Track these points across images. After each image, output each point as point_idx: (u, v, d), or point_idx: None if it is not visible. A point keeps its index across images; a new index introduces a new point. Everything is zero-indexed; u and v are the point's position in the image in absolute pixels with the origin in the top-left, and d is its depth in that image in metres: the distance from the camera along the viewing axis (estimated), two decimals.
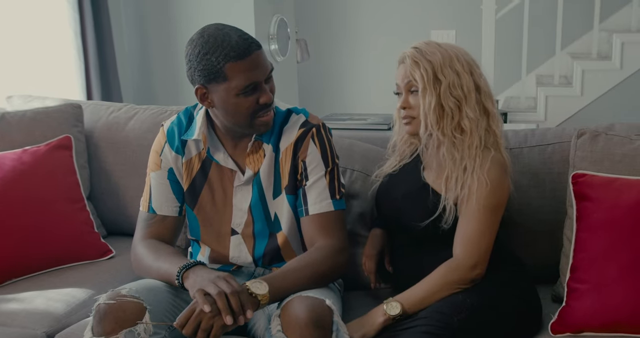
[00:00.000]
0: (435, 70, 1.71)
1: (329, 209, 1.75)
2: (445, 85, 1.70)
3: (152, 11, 3.61)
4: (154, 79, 3.66)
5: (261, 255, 1.82)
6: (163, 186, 1.82)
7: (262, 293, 1.54)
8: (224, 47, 1.61)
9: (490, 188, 1.68)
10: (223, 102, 1.67)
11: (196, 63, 1.64)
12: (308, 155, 1.76)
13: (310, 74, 4.64)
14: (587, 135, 1.86)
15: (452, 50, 1.74)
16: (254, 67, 1.64)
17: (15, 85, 2.76)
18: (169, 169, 1.82)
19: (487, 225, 1.70)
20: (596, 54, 4.13)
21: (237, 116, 1.69)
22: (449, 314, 1.61)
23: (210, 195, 1.81)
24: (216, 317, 1.47)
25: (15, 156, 2.16)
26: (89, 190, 2.38)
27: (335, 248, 1.72)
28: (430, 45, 1.74)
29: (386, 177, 1.91)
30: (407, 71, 1.74)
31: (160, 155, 1.82)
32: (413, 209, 1.77)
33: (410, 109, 1.76)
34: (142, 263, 1.75)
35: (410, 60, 1.73)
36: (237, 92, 1.64)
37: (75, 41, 3.03)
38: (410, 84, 1.74)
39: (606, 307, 1.65)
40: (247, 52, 1.62)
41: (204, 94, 1.68)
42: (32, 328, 1.84)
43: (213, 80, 1.64)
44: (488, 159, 1.71)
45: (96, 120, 2.44)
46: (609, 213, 1.69)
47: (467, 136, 1.72)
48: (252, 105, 1.67)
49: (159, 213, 1.81)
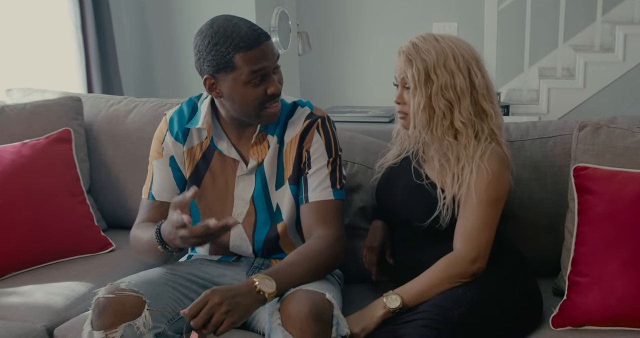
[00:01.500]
0: (428, 70, 1.68)
1: (328, 197, 1.75)
2: (437, 86, 1.69)
3: (153, 3, 3.60)
4: (155, 71, 3.65)
5: (261, 245, 1.82)
6: (164, 173, 1.83)
7: (270, 291, 1.53)
8: (234, 38, 1.62)
9: (491, 179, 1.67)
10: (231, 92, 1.67)
11: (205, 53, 1.65)
12: (312, 145, 1.77)
13: (312, 67, 4.63)
14: (589, 128, 1.85)
15: (450, 47, 1.71)
16: (262, 57, 1.65)
17: (15, 78, 2.76)
18: (170, 156, 1.83)
19: (487, 219, 1.69)
20: (599, 46, 4.11)
21: (244, 106, 1.69)
22: (449, 308, 1.60)
23: (212, 184, 1.82)
24: (228, 313, 1.46)
25: (15, 149, 2.16)
26: (89, 184, 2.38)
27: (333, 238, 1.72)
28: (427, 41, 1.71)
29: (387, 169, 1.90)
30: (401, 67, 1.73)
31: (162, 143, 1.84)
32: (412, 204, 1.77)
33: (404, 105, 1.75)
34: (136, 241, 1.77)
35: (405, 56, 1.71)
36: (245, 82, 1.65)
37: (75, 34, 3.03)
38: (404, 81, 1.73)
39: (607, 301, 1.65)
40: (256, 43, 1.63)
41: (213, 84, 1.69)
42: (32, 322, 1.84)
43: (222, 70, 1.65)
44: (488, 150, 1.70)
45: (96, 113, 2.44)
46: (610, 206, 1.68)
47: (463, 137, 1.71)
48: (260, 96, 1.67)
49: (157, 199, 1.82)
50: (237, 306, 1.47)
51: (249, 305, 1.51)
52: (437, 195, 1.72)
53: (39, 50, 2.90)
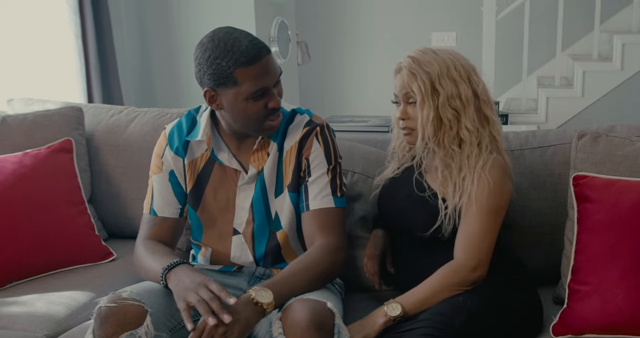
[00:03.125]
0: (433, 81, 1.69)
1: (329, 205, 1.76)
2: (444, 97, 1.70)
3: (153, 14, 3.61)
4: (155, 81, 3.66)
5: (262, 255, 1.82)
6: (164, 188, 1.83)
7: (268, 301, 1.54)
8: (234, 52, 1.62)
9: (492, 188, 1.68)
10: (232, 105, 1.68)
11: (206, 67, 1.65)
12: (312, 153, 1.78)
13: (311, 76, 4.65)
14: (588, 137, 1.86)
15: (449, 58, 1.72)
16: (264, 72, 1.65)
17: (16, 88, 2.77)
18: (170, 171, 1.83)
19: (488, 228, 1.70)
20: (597, 55, 4.13)
21: (245, 120, 1.70)
22: (450, 316, 1.60)
23: (213, 196, 1.82)
24: (227, 333, 1.47)
25: (16, 159, 2.16)
26: (90, 193, 2.38)
27: (334, 246, 1.72)
28: (426, 54, 1.73)
29: (388, 180, 1.90)
30: (404, 82, 1.73)
31: (161, 157, 1.84)
32: (414, 214, 1.77)
33: (409, 120, 1.75)
34: (139, 264, 1.77)
35: (407, 70, 1.71)
36: (246, 97, 1.65)
37: (76, 44, 3.04)
38: (408, 95, 1.73)
39: (608, 309, 1.65)
40: (257, 58, 1.63)
41: (213, 96, 1.69)
42: (33, 332, 1.84)
43: (223, 84, 1.65)
44: (490, 160, 1.71)
45: (97, 123, 2.44)
46: (610, 214, 1.69)
47: (467, 146, 1.72)
48: (260, 110, 1.68)
49: (159, 215, 1.82)
50: (235, 323, 1.49)
51: (248, 319, 1.52)
52: (438, 206, 1.73)
53: (39, 60, 2.91)
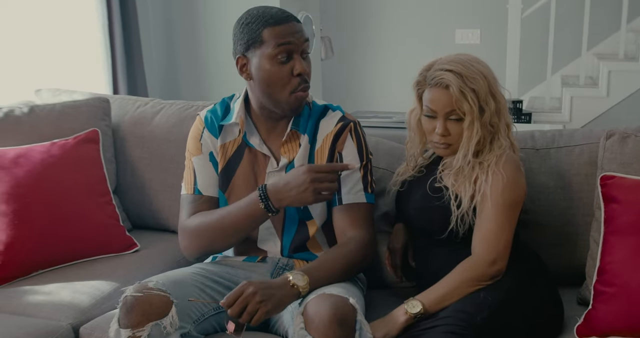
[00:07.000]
0: (480, 101, 1.69)
1: (361, 200, 1.79)
2: (489, 115, 1.70)
3: (179, 7, 3.63)
4: (180, 74, 3.68)
5: (290, 243, 1.85)
6: (207, 169, 1.85)
7: (303, 284, 1.59)
8: (264, 16, 1.71)
9: (506, 184, 1.68)
10: (259, 70, 1.72)
11: (239, 34, 1.74)
12: (345, 148, 1.81)
13: (334, 72, 4.64)
14: (617, 137, 1.84)
15: (484, 69, 1.71)
16: (289, 32, 1.71)
17: (43, 78, 2.79)
18: (209, 152, 1.86)
19: (504, 222, 1.69)
20: (623, 55, 4.09)
21: (272, 87, 1.73)
22: (471, 313, 1.60)
23: (242, 180, 1.84)
24: (262, 302, 1.51)
25: (44, 149, 2.18)
26: (115, 184, 2.40)
27: (366, 239, 1.76)
28: (467, 68, 1.68)
29: (404, 181, 1.90)
30: (453, 101, 1.69)
31: (200, 140, 1.87)
32: (429, 215, 1.77)
33: (450, 136, 1.74)
34: (203, 226, 1.76)
35: (456, 89, 1.67)
36: (271, 56, 1.70)
37: (102, 36, 3.06)
38: (453, 113, 1.72)
39: (634, 312, 1.63)
40: (284, 20, 1.71)
41: (244, 64, 1.75)
42: (58, 320, 1.86)
43: (251, 46, 1.72)
44: (503, 156, 1.71)
45: (123, 115, 2.46)
46: (638, 215, 1.68)
47: (486, 149, 1.72)
48: (286, 75, 1.72)
49: (205, 194, 1.84)
50: (271, 297, 1.52)
51: (283, 297, 1.55)
52: (453, 206, 1.72)
53: (66, 52, 2.93)
